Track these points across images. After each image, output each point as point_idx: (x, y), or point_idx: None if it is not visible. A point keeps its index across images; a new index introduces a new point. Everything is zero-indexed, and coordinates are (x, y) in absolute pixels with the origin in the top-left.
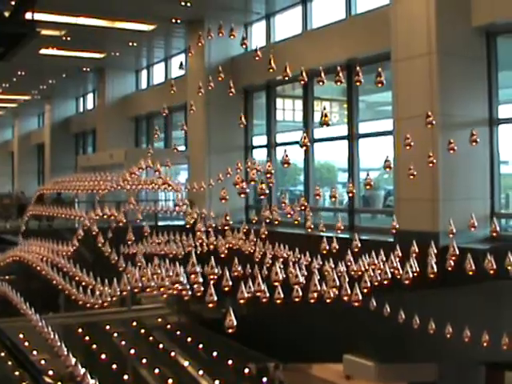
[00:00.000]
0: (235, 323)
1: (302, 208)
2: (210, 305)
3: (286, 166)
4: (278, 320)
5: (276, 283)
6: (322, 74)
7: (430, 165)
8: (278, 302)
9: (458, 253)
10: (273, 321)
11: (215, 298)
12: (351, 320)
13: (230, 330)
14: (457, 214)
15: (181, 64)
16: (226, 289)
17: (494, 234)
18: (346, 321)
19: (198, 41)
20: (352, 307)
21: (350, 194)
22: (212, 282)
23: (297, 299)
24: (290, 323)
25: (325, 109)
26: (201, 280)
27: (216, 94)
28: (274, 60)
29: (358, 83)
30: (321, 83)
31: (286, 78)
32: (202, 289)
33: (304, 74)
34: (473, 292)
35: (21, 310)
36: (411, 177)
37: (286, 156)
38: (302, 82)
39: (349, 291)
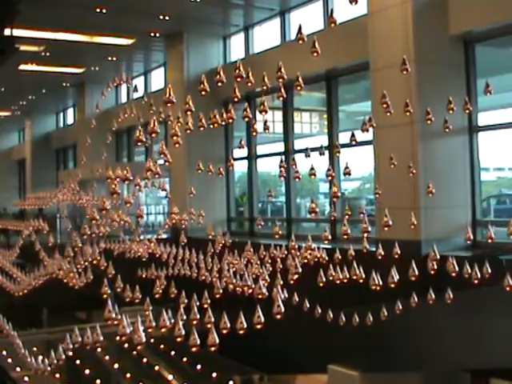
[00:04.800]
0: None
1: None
2: (194, 348)
3: (266, 131)
4: (262, 331)
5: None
6: (283, 90)
7: (408, 113)
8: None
9: (438, 257)
10: (256, 332)
11: (198, 342)
12: (335, 330)
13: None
14: (438, 222)
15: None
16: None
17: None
18: (329, 331)
19: (107, 86)
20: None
21: (330, 178)
22: (194, 324)
23: (278, 315)
24: (274, 334)
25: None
26: None
27: (196, 107)
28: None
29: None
30: (281, 98)
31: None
32: None
33: (283, 89)
34: (455, 300)
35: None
36: (392, 166)
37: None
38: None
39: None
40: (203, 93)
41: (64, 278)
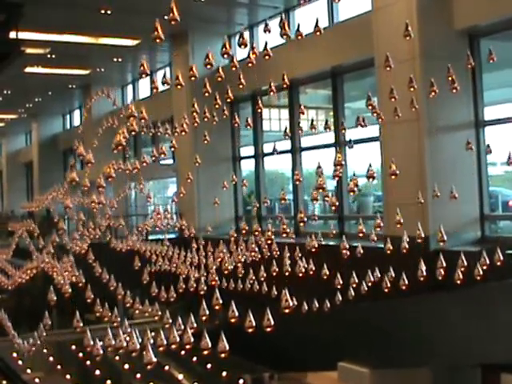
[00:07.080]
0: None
1: None
2: (205, 352)
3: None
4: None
5: None
6: (272, 93)
7: (413, 109)
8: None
9: (445, 239)
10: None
11: (207, 312)
12: (345, 327)
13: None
14: (446, 217)
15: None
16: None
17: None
18: (339, 328)
19: (90, 99)
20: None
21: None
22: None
23: (286, 310)
24: (284, 332)
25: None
26: None
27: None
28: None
29: None
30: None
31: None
32: None
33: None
34: (464, 294)
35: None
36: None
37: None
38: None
39: None
40: (208, 66)
41: (49, 271)
